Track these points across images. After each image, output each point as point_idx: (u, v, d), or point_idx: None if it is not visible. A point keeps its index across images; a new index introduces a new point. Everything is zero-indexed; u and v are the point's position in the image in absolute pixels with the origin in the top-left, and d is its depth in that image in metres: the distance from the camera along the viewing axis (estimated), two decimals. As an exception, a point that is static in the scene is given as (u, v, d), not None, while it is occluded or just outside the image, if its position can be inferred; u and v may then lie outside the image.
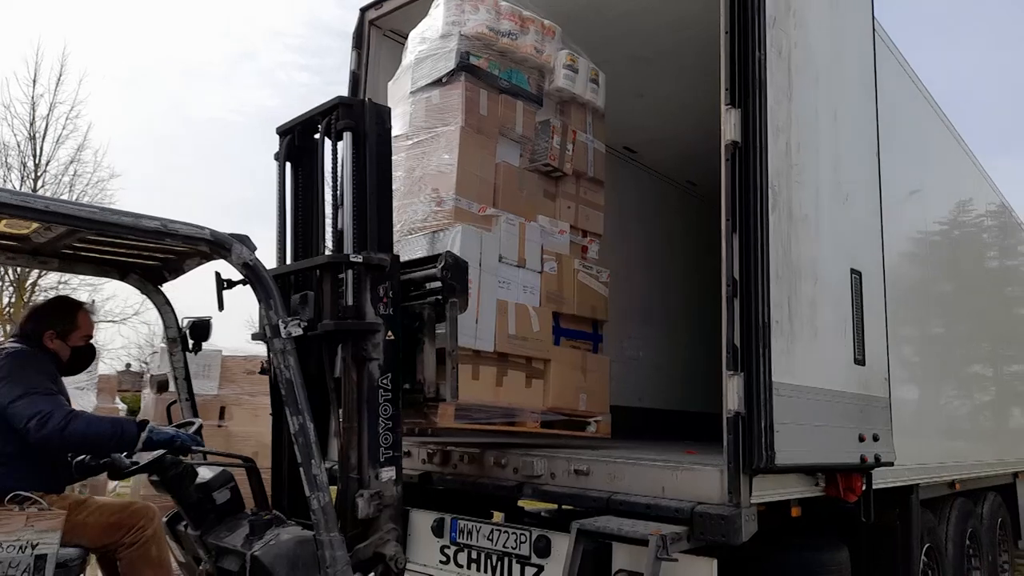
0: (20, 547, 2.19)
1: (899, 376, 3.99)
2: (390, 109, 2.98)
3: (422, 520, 3.87)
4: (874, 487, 3.59)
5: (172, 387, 3.11)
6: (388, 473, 2.75)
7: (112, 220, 2.27)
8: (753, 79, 3.08)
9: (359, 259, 2.71)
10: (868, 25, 4.12)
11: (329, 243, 3.05)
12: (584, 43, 4.38)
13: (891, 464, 3.67)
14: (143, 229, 2.33)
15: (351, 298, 2.70)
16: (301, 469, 2.47)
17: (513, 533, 3.53)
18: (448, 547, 3.74)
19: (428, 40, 3.95)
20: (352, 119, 2.83)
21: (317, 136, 3.05)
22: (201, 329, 3.00)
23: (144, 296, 3.14)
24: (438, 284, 3.05)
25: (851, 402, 3.50)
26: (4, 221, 2.33)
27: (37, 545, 2.22)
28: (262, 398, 4.99)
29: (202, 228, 2.46)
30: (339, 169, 2.93)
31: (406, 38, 4.23)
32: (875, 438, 3.56)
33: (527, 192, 4.05)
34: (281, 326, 2.49)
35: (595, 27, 4.56)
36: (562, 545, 3.19)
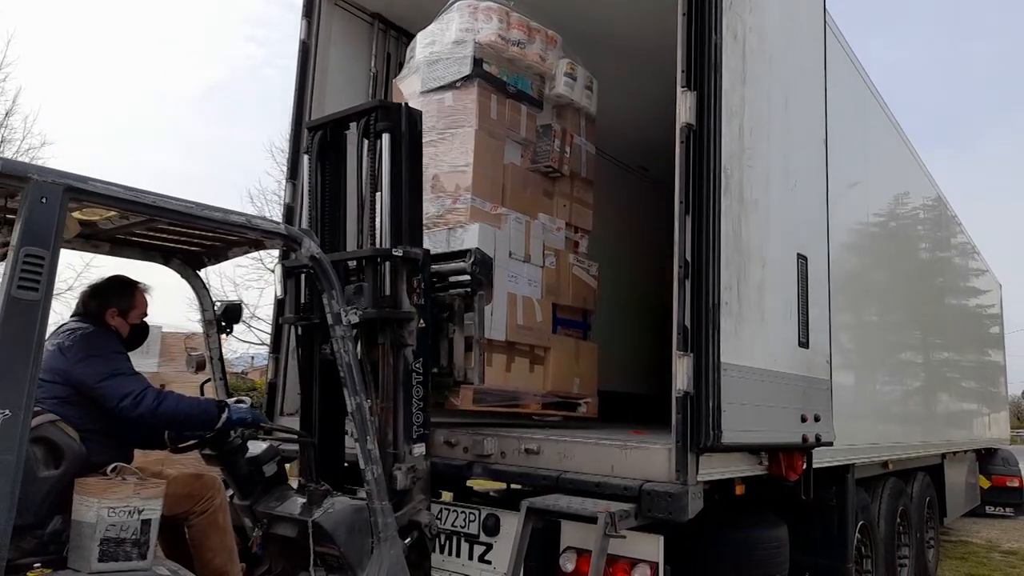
0: (129, 512, 2.33)
1: (837, 360, 4.11)
2: (421, 113, 3.20)
3: (369, 500, 3.83)
4: (814, 466, 3.70)
5: (208, 367, 3.22)
6: (420, 448, 3.00)
7: (206, 215, 2.44)
8: (709, 62, 3.10)
9: (400, 253, 2.94)
10: (819, 15, 4.20)
11: (351, 236, 3.25)
12: (535, 10, 4.39)
13: (831, 444, 3.78)
14: (231, 223, 2.52)
15: (389, 288, 2.93)
16: (358, 444, 2.67)
17: (462, 512, 3.52)
18: (396, 527, 3.71)
19: (440, 44, 4.24)
20: (390, 121, 3.03)
21: (347, 132, 3.20)
22: (233, 311, 3.14)
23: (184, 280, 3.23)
24: (465, 277, 3.31)
25: (795, 383, 3.58)
26: (87, 210, 2.37)
27: (143, 511, 2.36)
28: (202, 375, 4.91)
29: (278, 224, 2.72)
30: (375, 167, 3.07)
31: (359, 8, 4.15)
32: (816, 418, 3.66)
33: (530, 191, 4.39)
34: (343, 314, 2.68)
35: (547, 7, 4.55)
36: (511, 524, 3.20)
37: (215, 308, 3.17)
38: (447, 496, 4.18)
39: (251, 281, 21.25)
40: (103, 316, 2.86)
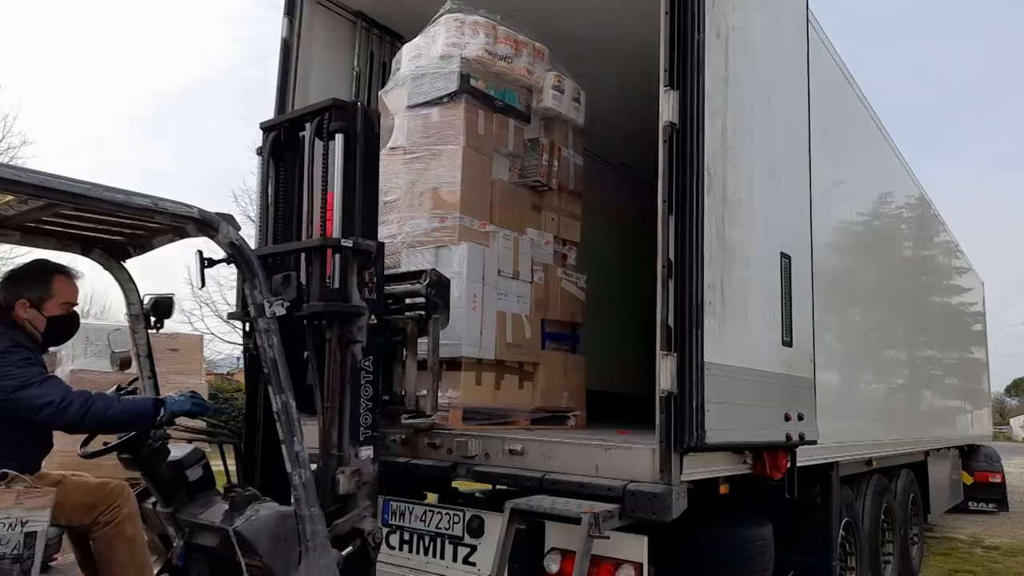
0: (10, 524, 2.16)
1: (820, 359, 4.13)
2: (380, 113, 3.17)
3: (353, 502, 3.80)
4: (798, 464, 3.71)
5: (135, 365, 3.10)
6: (367, 451, 2.85)
7: (105, 197, 2.25)
8: (692, 61, 3.10)
9: (349, 243, 2.81)
10: (802, 15, 4.21)
11: (307, 233, 3.10)
12: (519, 21, 4.38)
13: (815, 442, 3.79)
14: (134, 206, 2.31)
15: (338, 281, 2.80)
16: (283, 446, 2.51)
17: (446, 514, 3.50)
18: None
19: (426, 57, 4.22)
20: (345, 121, 2.94)
21: (303, 134, 3.11)
22: (163, 306, 2.97)
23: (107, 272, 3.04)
24: (421, 300, 3.22)
25: (778, 382, 3.59)
26: None
27: (27, 523, 2.19)
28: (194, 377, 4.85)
29: (191, 207, 2.45)
30: (327, 167, 3.00)
31: (341, 7, 4.12)
32: (800, 417, 3.67)
33: (518, 206, 4.34)
34: (266, 305, 2.53)
35: (531, 5, 4.54)
36: (495, 525, 3.18)
37: (143, 302, 3.00)
38: (432, 498, 4.16)
39: (236, 281, 21.06)
40: (11, 309, 2.65)
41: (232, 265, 2.63)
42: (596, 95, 4.95)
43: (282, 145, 3.16)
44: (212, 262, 2.80)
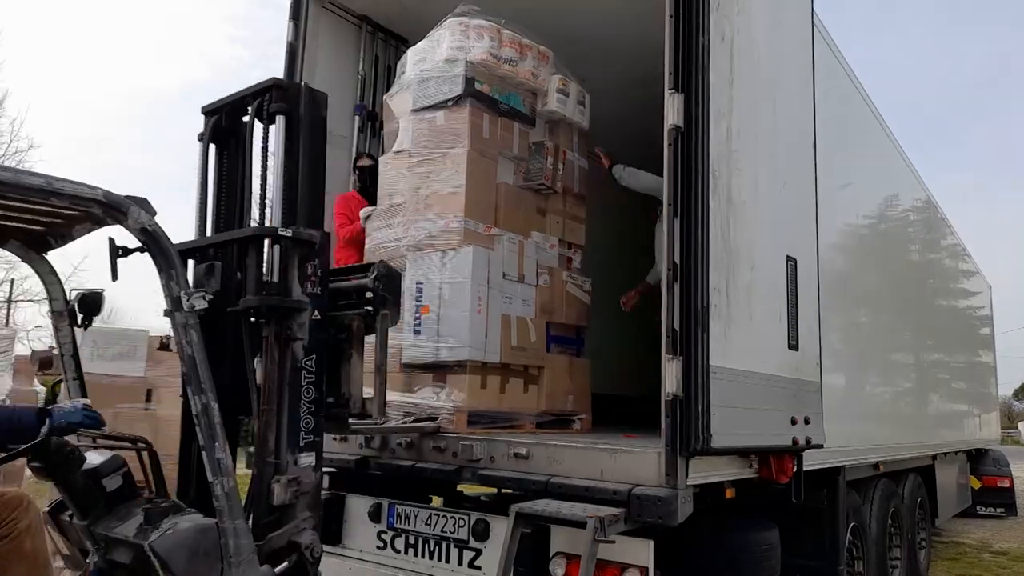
0: None
1: (827, 362, 4.11)
2: (326, 95, 2.89)
3: (359, 505, 3.80)
4: (804, 469, 3.69)
5: (59, 365, 2.88)
6: (308, 458, 2.63)
7: None
8: (696, 64, 3.09)
9: (288, 233, 2.58)
10: (807, 16, 4.20)
11: (254, 223, 2.92)
12: (525, 25, 4.39)
13: (821, 446, 3.77)
14: (25, 186, 2.08)
15: (277, 274, 2.58)
16: (204, 453, 2.32)
17: (451, 517, 3.49)
18: (385, 532, 3.69)
19: (431, 61, 4.23)
20: (286, 102, 2.72)
21: (246, 118, 2.91)
22: (91, 302, 2.77)
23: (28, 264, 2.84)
24: (368, 296, 2.97)
25: (784, 386, 3.57)
26: None
27: None
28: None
29: (94, 188, 2.22)
30: (269, 152, 2.78)
31: (346, 11, 4.14)
32: (807, 421, 3.65)
33: (523, 210, 4.35)
34: (184, 298, 2.32)
35: (536, 9, 4.56)
36: (500, 529, 3.18)
37: (68, 297, 2.80)
38: (437, 501, 4.16)
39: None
40: None
41: (148, 254, 2.37)
42: (600, 98, 4.95)
43: (224, 130, 2.95)
44: (126, 251, 2.57)
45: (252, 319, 2.64)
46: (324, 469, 4.12)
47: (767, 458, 3.46)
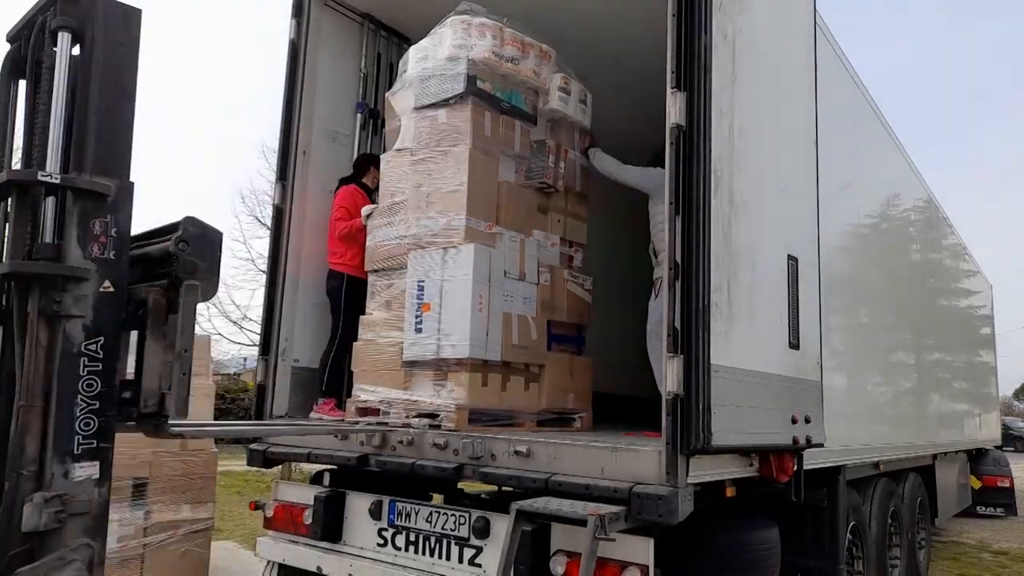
0: None
1: (828, 362, 4.11)
2: (140, 11, 2.34)
3: (359, 503, 3.81)
4: (804, 468, 3.69)
5: None
6: (86, 470, 2.06)
7: None
8: (699, 63, 3.09)
9: (55, 180, 2.06)
10: (810, 16, 4.20)
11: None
12: (528, 24, 4.39)
13: (821, 445, 3.77)
14: None
15: (49, 233, 2.11)
16: None
17: (452, 515, 3.50)
18: (386, 530, 3.69)
19: (433, 59, 4.24)
20: (73, 17, 2.22)
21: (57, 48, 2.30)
22: None
23: None
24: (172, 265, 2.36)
25: (785, 385, 3.58)
26: None
27: None
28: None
29: None
30: (49, 77, 2.23)
31: (349, 8, 4.14)
32: (807, 420, 3.65)
33: (524, 208, 4.36)
34: None
35: (538, 7, 4.56)
36: (501, 526, 3.18)
37: None
38: (438, 499, 4.17)
39: (243, 282, 21.18)
40: None
41: None
42: (602, 96, 4.96)
43: (21, 59, 2.40)
44: None
45: (19, 291, 2.13)
46: (325, 466, 4.19)
47: (767, 457, 3.46)
